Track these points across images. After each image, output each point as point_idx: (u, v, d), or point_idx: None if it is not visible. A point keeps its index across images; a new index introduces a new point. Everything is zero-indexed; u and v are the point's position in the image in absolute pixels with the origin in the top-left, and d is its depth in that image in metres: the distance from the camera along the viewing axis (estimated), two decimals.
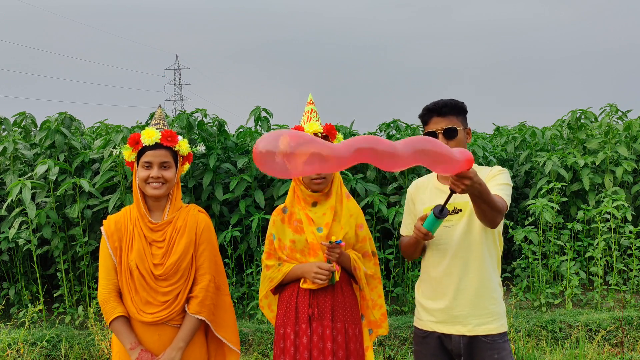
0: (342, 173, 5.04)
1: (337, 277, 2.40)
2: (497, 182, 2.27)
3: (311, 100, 2.59)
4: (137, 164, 2.32)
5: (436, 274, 2.32)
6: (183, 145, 2.37)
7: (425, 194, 2.41)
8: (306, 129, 2.44)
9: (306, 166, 1.71)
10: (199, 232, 2.36)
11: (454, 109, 2.29)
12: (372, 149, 1.75)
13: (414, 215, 2.44)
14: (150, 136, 2.29)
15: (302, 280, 2.42)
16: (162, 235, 2.31)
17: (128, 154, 2.32)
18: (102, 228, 2.35)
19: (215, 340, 2.43)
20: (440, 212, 2.05)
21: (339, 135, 2.53)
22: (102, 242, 2.33)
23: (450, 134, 2.26)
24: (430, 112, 2.31)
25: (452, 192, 2.03)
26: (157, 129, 2.34)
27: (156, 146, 2.30)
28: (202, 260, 2.35)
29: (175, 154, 2.36)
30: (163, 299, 2.27)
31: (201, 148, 2.62)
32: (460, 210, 2.28)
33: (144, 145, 2.30)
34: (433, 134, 2.29)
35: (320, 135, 2.45)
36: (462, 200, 2.27)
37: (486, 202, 2.07)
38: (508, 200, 2.24)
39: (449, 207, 2.28)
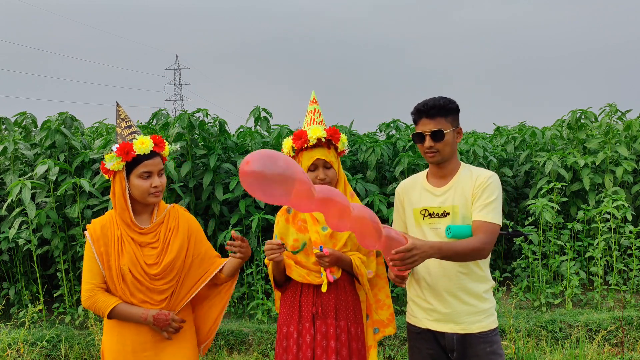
0: None
1: (324, 287, 2.38)
2: (485, 202, 2.22)
3: (314, 98, 2.53)
4: (128, 173, 2.25)
5: (429, 274, 2.32)
6: (167, 148, 2.36)
7: (414, 194, 2.39)
8: (309, 134, 2.39)
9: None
10: (191, 232, 2.40)
11: (442, 110, 2.27)
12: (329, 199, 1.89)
13: (404, 218, 2.42)
14: (145, 145, 2.23)
15: (289, 270, 2.44)
16: (154, 237, 2.30)
17: (117, 164, 2.23)
18: (86, 232, 2.31)
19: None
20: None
21: (343, 137, 2.47)
22: (87, 246, 2.29)
23: (437, 137, 2.26)
24: (420, 113, 2.31)
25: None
26: (133, 132, 2.30)
27: (151, 154, 2.26)
28: (206, 247, 2.45)
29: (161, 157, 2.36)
30: (159, 297, 2.28)
31: (177, 147, 2.60)
32: (449, 213, 2.28)
33: (137, 154, 2.23)
34: (421, 136, 2.29)
35: (324, 139, 2.41)
36: (450, 204, 2.28)
37: (456, 259, 2.16)
38: (498, 217, 2.22)
39: (439, 210, 2.29)
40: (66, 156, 5.58)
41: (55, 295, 5.22)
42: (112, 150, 2.27)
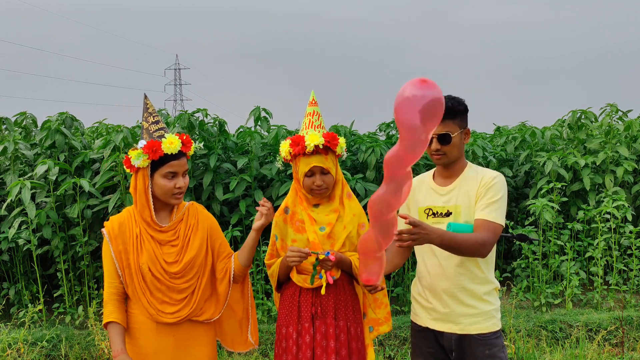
0: None
1: (323, 290, 2.38)
2: (488, 201, 2.22)
3: (314, 99, 2.48)
4: (152, 171, 2.21)
5: (428, 273, 2.33)
6: (192, 148, 2.32)
7: (419, 194, 2.39)
8: (307, 141, 2.36)
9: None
10: (209, 229, 2.37)
11: (450, 113, 2.24)
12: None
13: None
14: (174, 145, 2.19)
15: (291, 272, 2.43)
16: (174, 234, 2.27)
17: (143, 161, 2.18)
18: (103, 230, 2.27)
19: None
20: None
21: (342, 141, 2.44)
22: (104, 244, 2.26)
23: (444, 140, 2.25)
24: None
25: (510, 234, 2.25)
26: (160, 128, 2.26)
27: (178, 154, 2.22)
28: (224, 245, 2.42)
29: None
30: (179, 296, 2.25)
31: (201, 145, 2.59)
32: (451, 213, 2.28)
33: (164, 154, 2.18)
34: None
35: (321, 146, 2.37)
36: (454, 204, 2.28)
37: (455, 250, 2.14)
38: (501, 218, 2.21)
39: (442, 209, 2.29)
40: (66, 156, 5.58)
41: (55, 295, 5.22)
42: (137, 146, 2.21)
